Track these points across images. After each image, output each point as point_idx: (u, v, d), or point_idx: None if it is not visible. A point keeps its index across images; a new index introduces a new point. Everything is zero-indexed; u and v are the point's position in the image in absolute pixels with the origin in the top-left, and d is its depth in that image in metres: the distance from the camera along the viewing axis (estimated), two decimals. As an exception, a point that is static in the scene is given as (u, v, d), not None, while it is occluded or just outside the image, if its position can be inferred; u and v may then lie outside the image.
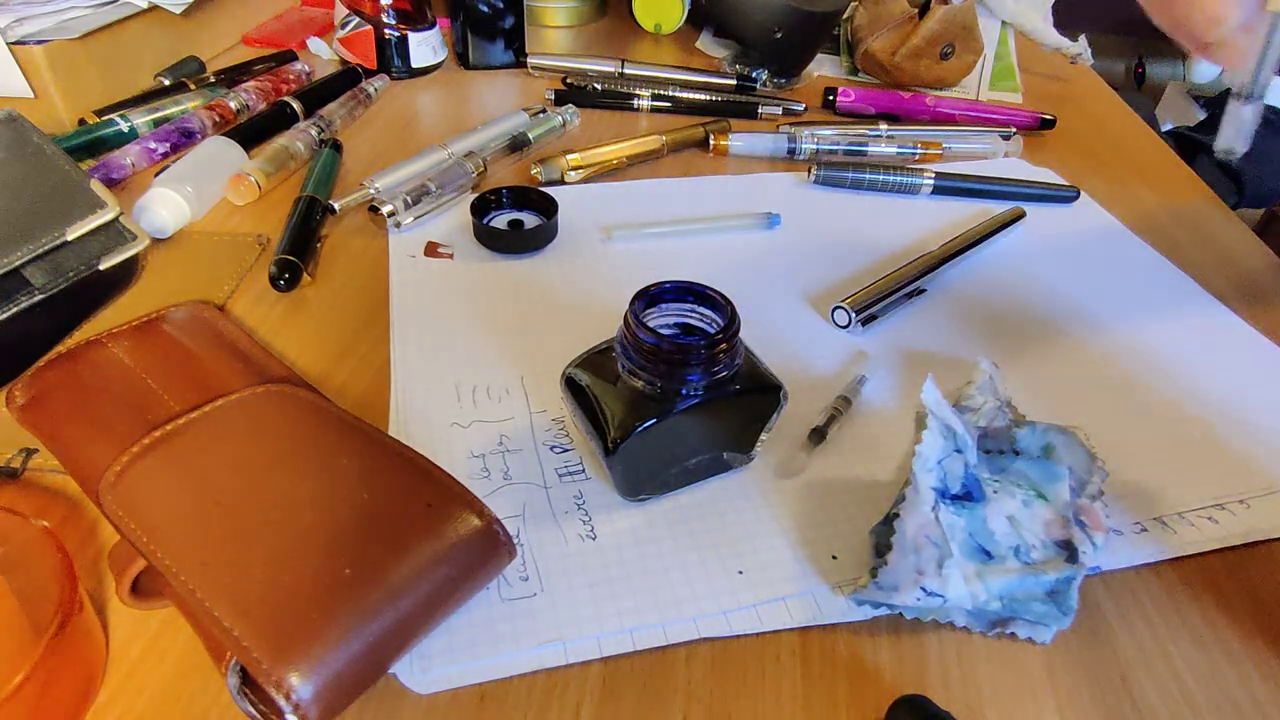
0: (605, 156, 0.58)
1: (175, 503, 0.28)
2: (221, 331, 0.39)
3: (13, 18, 0.56)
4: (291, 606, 0.25)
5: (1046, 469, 0.33)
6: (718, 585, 0.30)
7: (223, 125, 0.60)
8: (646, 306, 0.31)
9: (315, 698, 0.24)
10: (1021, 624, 0.29)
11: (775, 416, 0.33)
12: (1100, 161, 0.64)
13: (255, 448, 0.31)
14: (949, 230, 0.52)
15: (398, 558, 0.27)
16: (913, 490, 0.29)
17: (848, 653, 0.29)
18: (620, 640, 0.29)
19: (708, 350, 0.29)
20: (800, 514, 0.33)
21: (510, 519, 0.32)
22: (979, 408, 0.37)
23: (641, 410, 0.30)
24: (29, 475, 0.34)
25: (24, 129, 0.43)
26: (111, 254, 0.42)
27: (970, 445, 0.32)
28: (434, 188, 0.52)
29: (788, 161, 0.62)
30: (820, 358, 0.42)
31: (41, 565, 0.26)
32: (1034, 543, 0.31)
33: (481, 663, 0.28)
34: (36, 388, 0.34)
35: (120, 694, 0.27)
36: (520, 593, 0.30)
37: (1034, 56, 0.84)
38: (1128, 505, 0.34)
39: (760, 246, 0.50)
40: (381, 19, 0.70)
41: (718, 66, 0.77)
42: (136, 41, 0.64)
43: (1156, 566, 0.32)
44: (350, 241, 0.50)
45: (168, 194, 0.48)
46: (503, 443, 0.36)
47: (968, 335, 0.44)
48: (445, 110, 0.69)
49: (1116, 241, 0.54)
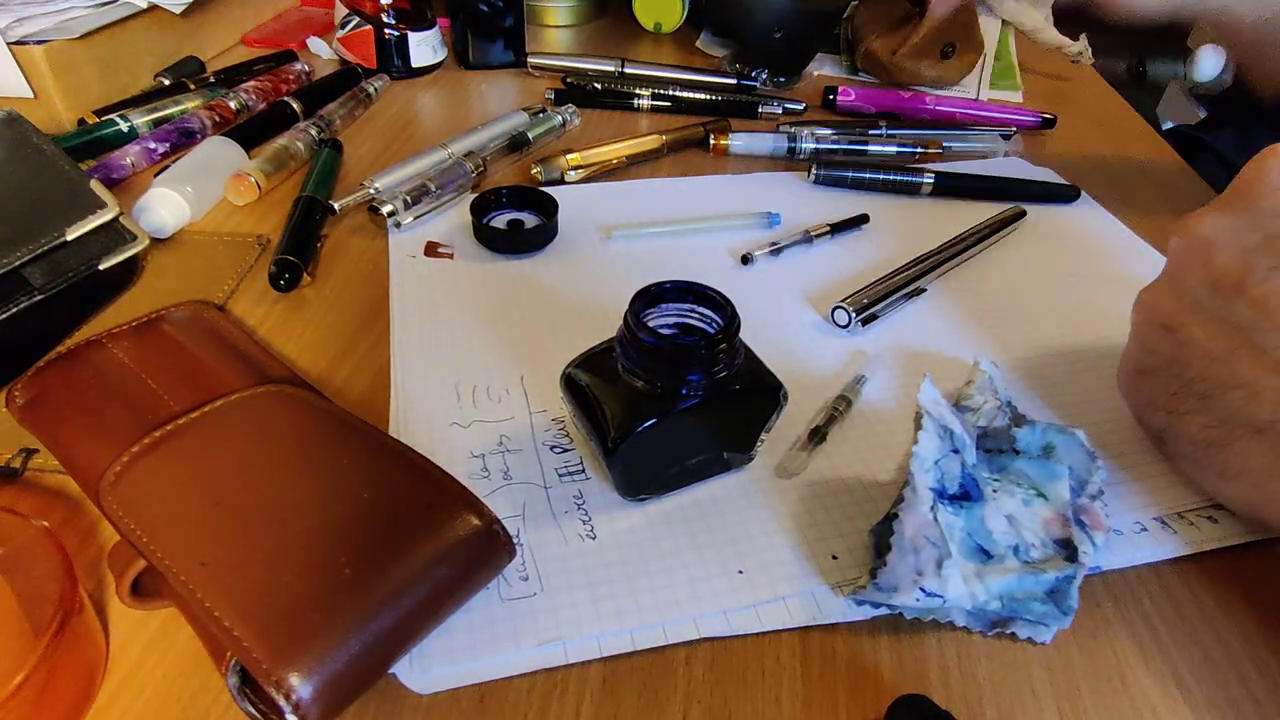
0: (605, 156, 0.58)
1: (175, 503, 0.28)
2: (221, 332, 0.39)
3: (13, 18, 0.56)
4: (292, 607, 0.25)
5: (1046, 468, 0.33)
6: (718, 585, 0.30)
7: (223, 125, 0.60)
8: (646, 306, 0.31)
9: (315, 698, 0.24)
10: (1021, 624, 0.29)
11: (775, 416, 0.33)
12: (1100, 161, 0.64)
13: (255, 448, 0.31)
14: (949, 230, 0.52)
15: (398, 558, 0.27)
16: (911, 491, 0.29)
17: (848, 653, 0.29)
18: (620, 640, 0.29)
19: (708, 350, 0.29)
20: (800, 514, 0.33)
21: (510, 519, 0.32)
22: (979, 408, 0.37)
23: (641, 410, 0.30)
24: (29, 475, 0.34)
25: (24, 129, 0.43)
26: (111, 254, 0.42)
27: (968, 445, 0.32)
28: (434, 188, 0.52)
29: (788, 161, 0.62)
30: (820, 358, 0.42)
31: (41, 565, 0.26)
32: (1033, 542, 0.31)
33: (481, 663, 0.28)
34: (36, 388, 0.34)
35: (120, 694, 0.27)
36: (520, 593, 0.30)
37: (1034, 55, 0.84)
38: (1128, 505, 0.34)
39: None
40: (381, 19, 0.70)
41: (718, 66, 0.77)
42: (136, 41, 0.64)
43: (1156, 566, 0.32)
44: (350, 241, 0.50)
45: (167, 194, 0.48)
46: (503, 443, 0.36)
47: (968, 335, 0.44)
48: (445, 110, 0.69)
49: (1116, 241, 0.54)
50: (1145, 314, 0.34)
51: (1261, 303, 0.29)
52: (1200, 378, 0.31)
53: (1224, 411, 0.30)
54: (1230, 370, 0.30)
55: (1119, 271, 0.50)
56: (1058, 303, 0.47)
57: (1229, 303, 0.30)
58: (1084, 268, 0.50)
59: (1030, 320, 0.46)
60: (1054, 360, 0.43)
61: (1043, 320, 0.46)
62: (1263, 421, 0.29)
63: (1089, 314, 0.46)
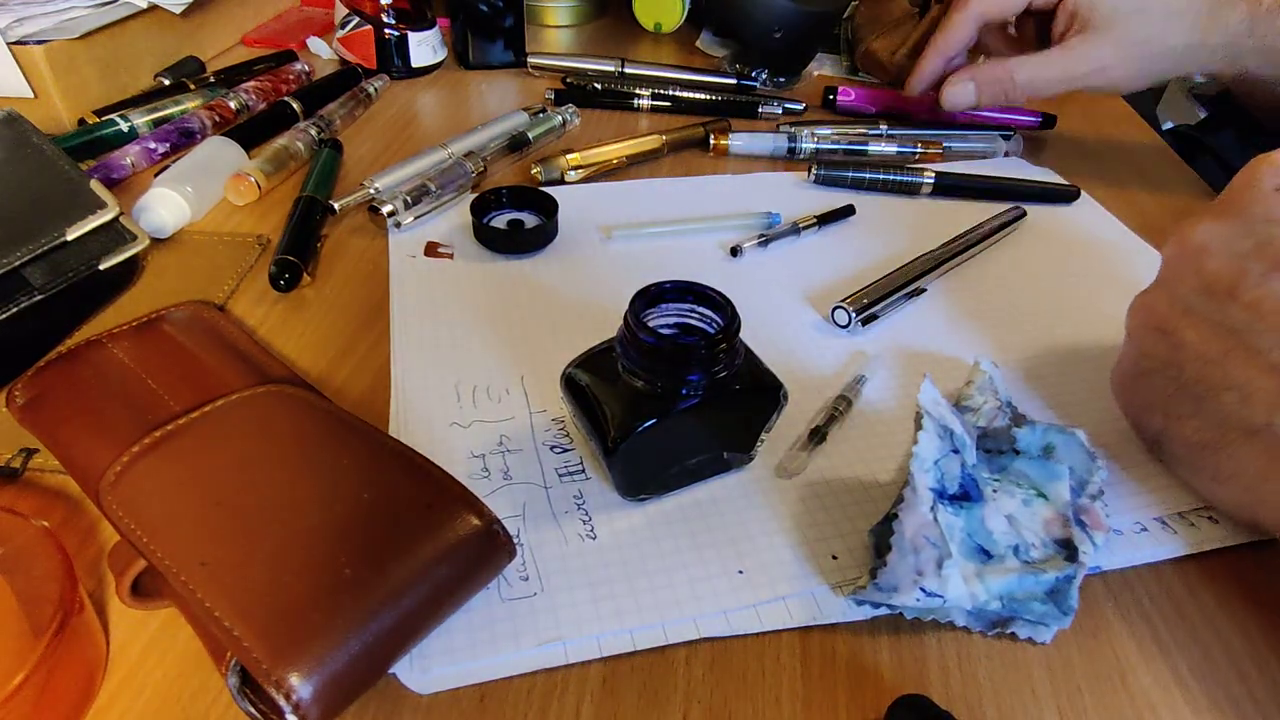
0: (605, 156, 0.58)
1: (175, 503, 0.28)
2: (221, 332, 0.39)
3: (13, 18, 0.56)
4: (292, 607, 0.25)
5: (1046, 468, 0.33)
6: (718, 585, 0.30)
7: (223, 125, 0.60)
8: (646, 306, 0.31)
9: (315, 698, 0.24)
10: (1021, 624, 0.29)
11: (775, 416, 0.33)
12: (1100, 161, 0.64)
13: (255, 448, 0.31)
14: (949, 230, 0.52)
15: (398, 558, 0.27)
16: (911, 491, 0.29)
17: (848, 653, 0.29)
18: (620, 640, 0.29)
19: (708, 350, 0.29)
20: (800, 514, 0.33)
21: (510, 519, 0.32)
22: (979, 408, 0.37)
23: (641, 410, 0.30)
24: (29, 475, 0.34)
25: (24, 129, 0.43)
26: (111, 254, 0.42)
27: (968, 445, 0.32)
28: (434, 188, 0.52)
29: (788, 161, 0.62)
30: (820, 358, 0.42)
31: (41, 565, 0.26)
32: (1034, 541, 0.31)
33: (481, 663, 0.28)
34: (36, 388, 0.34)
35: (120, 694, 0.27)
36: (520, 593, 0.30)
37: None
38: (1128, 505, 0.34)
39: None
40: (381, 19, 0.70)
41: (718, 66, 0.77)
42: (136, 41, 0.64)
43: (1156, 566, 0.32)
44: (350, 241, 0.50)
45: (168, 194, 0.48)
46: (503, 443, 0.36)
47: (968, 335, 0.44)
48: (445, 110, 0.69)
49: (1116, 241, 0.54)
50: (1140, 318, 0.34)
51: (1254, 306, 0.29)
52: (1194, 381, 0.31)
53: (1218, 414, 0.31)
54: (1224, 373, 0.30)
55: (1119, 271, 0.50)
56: (1058, 303, 0.47)
57: (1222, 307, 0.30)
58: (1084, 268, 0.50)
59: (1030, 320, 0.46)
60: (1054, 360, 0.43)
61: (1043, 320, 0.46)
62: (1256, 424, 0.29)
63: (1089, 314, 0.46)
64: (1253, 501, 0.31)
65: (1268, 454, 0.29)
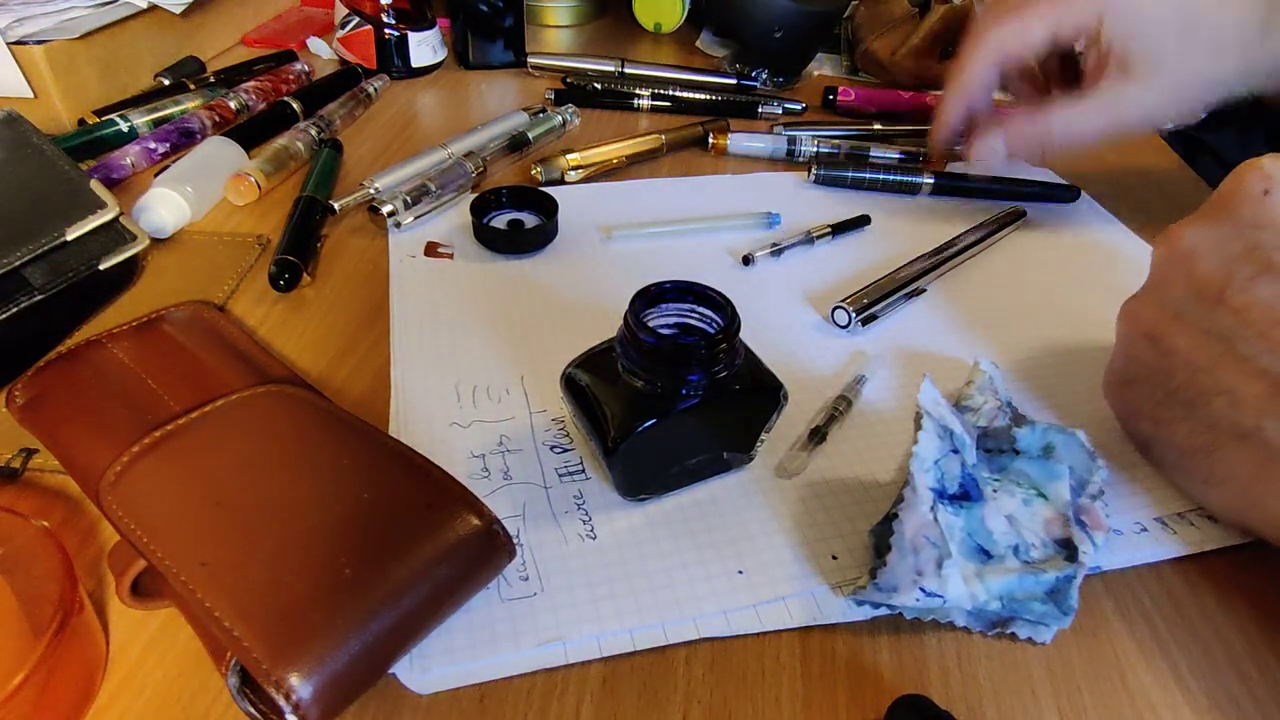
0: (605, 156, 0.58)
1: (175, 503, 0.28)
2: (221, 332, 0.39)
3: (13, 18, 0.56)
4: (292, 607, 0.25)
5: (1047, 468, 0.33)
6: (718, 585, 0.30)
7: (223, 125, 0.60)
8: (646, 306, 0.31)
9: (315, 698, 0.24)
10: (1021, 624, 0.29)
11: (775, 416, 0.33)
12: (1100, 161, 0.64)
13: (255, 448, 0.31)
14: (949, 230, 0.52)
15: (398, 558, 0.27)
16: (910, 491, 0.29)
17: (848, 653, 0.29)
18: (620, 640, 0.29)
19: (708, 350, 0.29)
20: (800, 514, 0.33)
21: (510, 519, 0.32)
22: (979, 408, 0.37)
23: (641, 410, 0.30)
24: (29, 475, 0.34)
25: (24, 129, 0.43)
26: (111, 254, 0.42)
27: (968, 445, 0.32)
28: (434, 188, 0.52)
29: (788, 161, 0.62)
30: (820, 358, 0.42)
31: (41, 565, 0.26)
32: (1034, 541, 0.31)
33: (481, 663, 0.28)
34: (36, 388, 0.34)
35: (120, 694, 0.27)
36: (520, 593, 0.30)
37: (1034, 56, 0.84)
38: (1128, 505, 0.34)
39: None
40: (381, 19, 0.70)
41: (718, 66, 0.77)
42: (136, 41, 0.64)
43: (1156, 566, 0.32)
44: (350, 241, 0.50)
45: (167, 194, 0.48)
46: (503, 443, 0.36)
47: (968, 335, 0.44)
48: (445, 110, 0.69)
49: (1116, 241, 0.54)
50: (1130, 324, 0.34)
51: (1243, 311, 0.29)
52: (1184, 386, 0.31)
53: (1208, 419, 0.31)
54: (1213, 378, 0.30)
55: (1119, 271, 0.50)
56: (1058, 302, 0.47)
57: (1211, 311, 0.30)
58: (1084, 268, 0.50)
59: (1030, 320, 0.46)
60: (1054, 360, 0.43)
61: (1042, 320, 0.46)
62: (1246, 428, 0.29)
63: (1089, 314, 0.46)
64: (1244, 504, 0.31)
65: (1258, 458, 0.29)
